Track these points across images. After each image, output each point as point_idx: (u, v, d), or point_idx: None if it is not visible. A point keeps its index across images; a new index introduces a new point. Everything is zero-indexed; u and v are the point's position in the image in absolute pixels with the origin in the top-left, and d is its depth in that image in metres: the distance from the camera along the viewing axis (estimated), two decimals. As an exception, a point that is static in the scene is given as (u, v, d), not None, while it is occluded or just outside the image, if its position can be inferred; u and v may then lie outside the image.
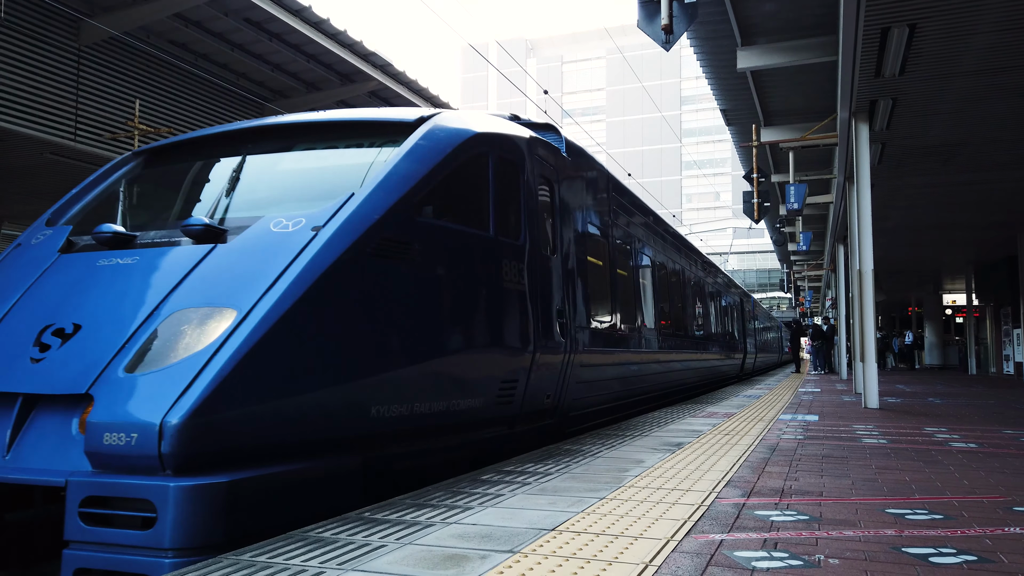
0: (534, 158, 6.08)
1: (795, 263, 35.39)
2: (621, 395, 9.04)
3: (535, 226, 5.94)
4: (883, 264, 24.85)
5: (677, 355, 12.29)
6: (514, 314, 5.45)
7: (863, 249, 10.40)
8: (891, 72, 8.97)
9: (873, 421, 8.29)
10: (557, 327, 6.22)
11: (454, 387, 4.70)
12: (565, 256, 6.64)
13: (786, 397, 12.69)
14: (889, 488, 4.17)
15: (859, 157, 10.43)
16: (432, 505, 3.64)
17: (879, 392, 10.76)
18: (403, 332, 4.22)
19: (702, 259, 16.67)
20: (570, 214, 6.95)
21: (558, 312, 6.27)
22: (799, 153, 14.96)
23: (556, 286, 6.30)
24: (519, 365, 5.51)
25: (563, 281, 6.52)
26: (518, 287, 5.46)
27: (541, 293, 5.89)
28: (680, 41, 10.26)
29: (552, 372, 6.17)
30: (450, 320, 4.68)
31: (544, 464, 4.97)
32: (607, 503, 3.67)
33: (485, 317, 5.06)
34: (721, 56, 12.97)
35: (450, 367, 4.66)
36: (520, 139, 5.91)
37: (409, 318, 4.28)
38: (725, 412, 9.49)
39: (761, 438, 6.56)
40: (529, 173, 5.93)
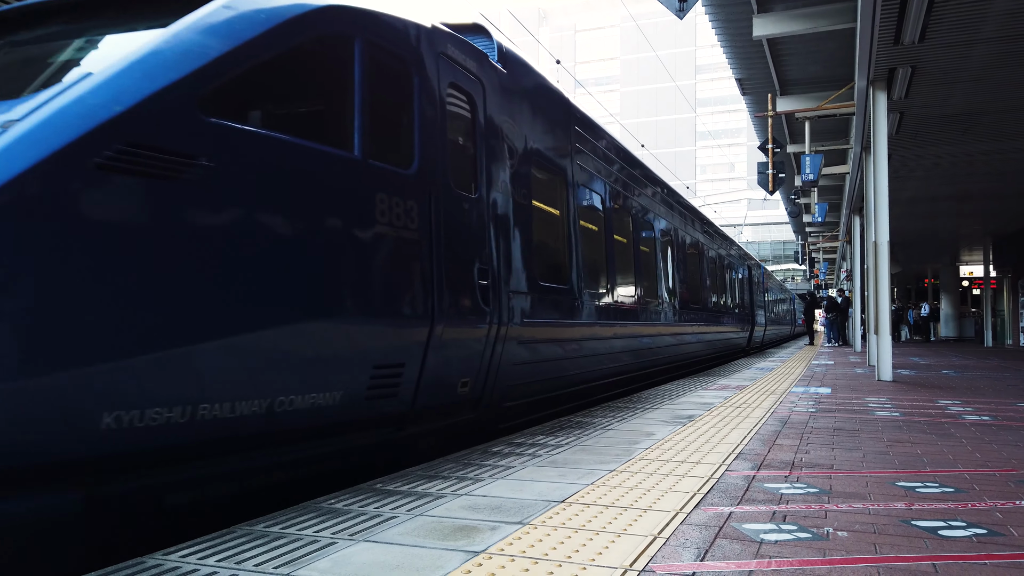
0: (442, 60, 4.64)
1: (810, 235, 35.08)
2: (587, 377, 7.55)
3: (439, 152, 4.51)
4: (899, 235, 24.57)
5: (664, 328, 10.62)
6: (398, 271, 4.05)
7: (879, 220, 10.28)
8: (910, 39, 8.77)
9: (886, 394, 8.27)
10: (478, 291, 4.85)
11: (280, 376, 3.28)
12: (494, 197, 5.19)
13: (799, 370, 12.66)
14: (900, 461, 4.16)
15: (876, 127, 10.26)
16: (443, 477, 3.67)
17: (893, 364, 10.71)
18: (175, 295, 2.83)
19: (701, 220, 14.74)
20: (505, 143, 5.48)
21: (480, 271, 4.89)
22: (815, 123, 14.74)
23: (476, 236, 4.88)
24: (407, 342, 4.12)
25: (490, 230, 5.11)
26: (405, 233, 4.07)
27: (449, 243, 4.50)
28: (695, 8, 10.09)
29: (468, 351, 4.80)
30: (266, 276, 3.21)
31: (555, 436, 4.99)
32: (617, 475, 3.69)
33: (339, 273, 3.60)
34: (737, 24, 12.74)
35: (270, 346, 3.21)
36: (416, 29, 4.41)
37: (187, 273, 2.89)
38: (737, 385, 9.48)
39: (772, 411, 6.55)
40: (432, 78, 4.49)
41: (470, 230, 4.82)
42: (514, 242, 5.49)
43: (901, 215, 20.50)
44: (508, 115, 5.57)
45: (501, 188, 5.34)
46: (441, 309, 4.38)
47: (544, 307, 6.02)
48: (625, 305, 8.68)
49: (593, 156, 7.70)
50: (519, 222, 5.61)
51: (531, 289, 5.72)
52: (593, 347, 7.49)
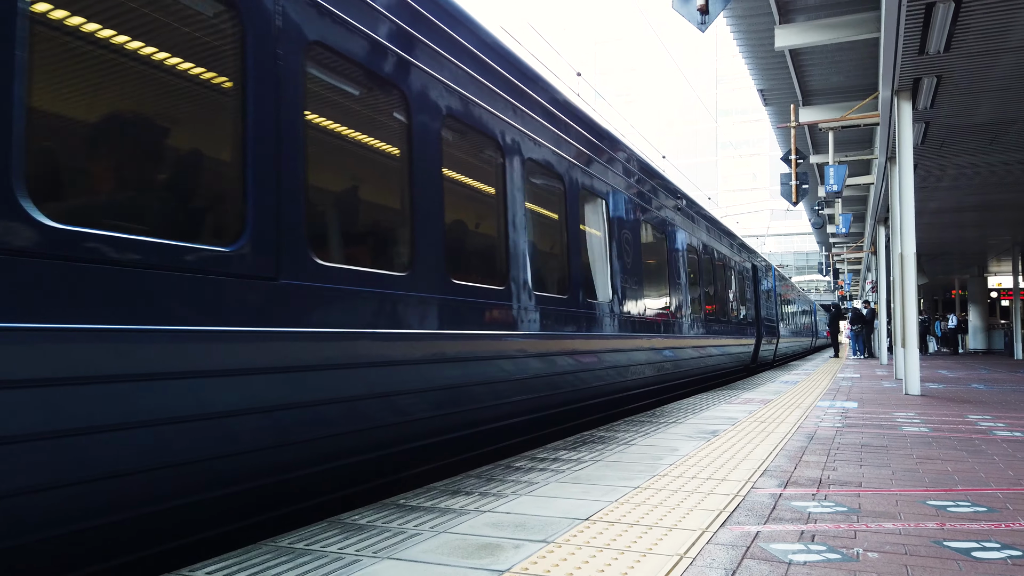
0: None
1: (834, 246, 34.72)
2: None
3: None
4: (925, 246, 24.23)
5: (601, 342, 7.24)
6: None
7: (905, 232, 10.15)
8: (936, 49, 8.68)
9: (914, 408, 8.13)
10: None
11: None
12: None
13: (824, 383, 12.50)
14: (930, 479, 4.08)
15: (901, 137, 10.15)
16: (466, 492, 3.66)
17: (921, 378, 10.53)
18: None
19: (674, 195, 10.50)
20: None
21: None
22: (839, 133, 14.61)
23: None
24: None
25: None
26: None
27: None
28: (716, 19, 10.07)
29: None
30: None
31: (577, 452, 4.97)
32: (641, 492, 3.65)
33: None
34: (758, 34, 12.70)
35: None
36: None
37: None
38: (761, 399, 9.38)
39: (798, 426, 6.47)
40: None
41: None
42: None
43: (927, 225, 20.23)
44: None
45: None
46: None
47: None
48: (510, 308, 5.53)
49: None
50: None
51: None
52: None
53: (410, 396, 4.18)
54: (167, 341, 2.77)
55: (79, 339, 2.46)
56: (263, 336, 3.21)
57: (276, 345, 3.27)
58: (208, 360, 2.94)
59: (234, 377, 3.06)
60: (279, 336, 3.29)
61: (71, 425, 2.43)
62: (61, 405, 2.40)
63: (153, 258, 2.74)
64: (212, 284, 3.00)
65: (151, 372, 2.69)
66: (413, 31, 4.54)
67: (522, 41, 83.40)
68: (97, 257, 2.54)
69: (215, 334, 2.97)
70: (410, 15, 4.51)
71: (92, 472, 2.51)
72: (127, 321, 2.62)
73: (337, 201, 4.12)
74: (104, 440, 2.53)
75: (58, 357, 2.40)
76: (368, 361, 3.87)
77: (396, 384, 4.09)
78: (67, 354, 2.42)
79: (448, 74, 4.89)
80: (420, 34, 4.60)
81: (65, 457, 2.42)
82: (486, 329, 5.10)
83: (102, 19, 2.76)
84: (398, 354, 4.10)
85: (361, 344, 3.82)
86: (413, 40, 4.54)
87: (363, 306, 3.83)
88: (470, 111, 5.13)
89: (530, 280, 5.78)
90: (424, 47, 4.65)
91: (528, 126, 5.96)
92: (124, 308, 2.61)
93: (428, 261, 4.48)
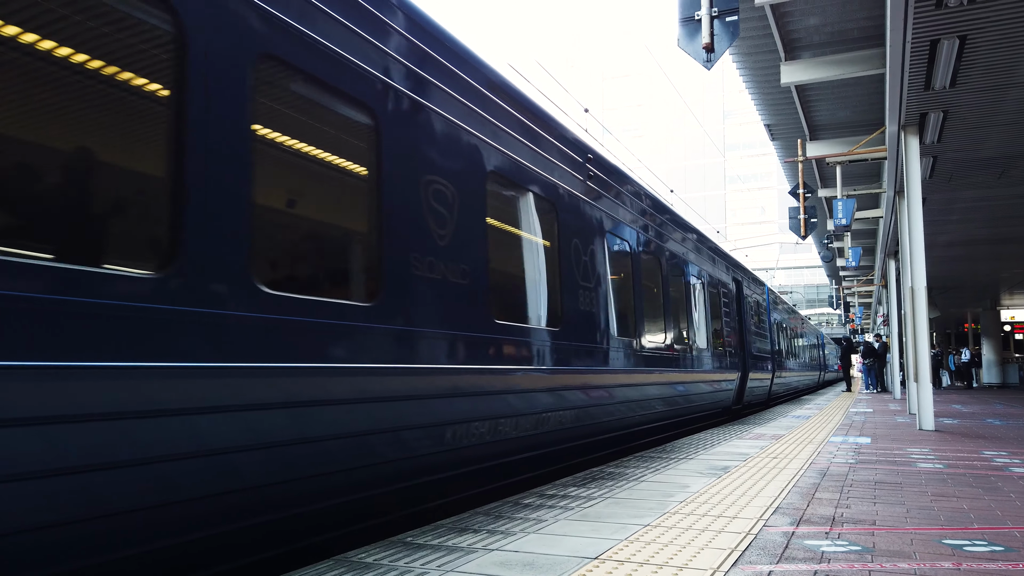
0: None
1: (844, 279, 34.59)
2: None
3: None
4: (937, 279, 24.10)
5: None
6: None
7: (915, 266, 10.11)
8: (941, 84, 8.74)
9: (928, 444, 8.02)
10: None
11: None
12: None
13: (836, 418, 12.36)
14: (946, 517, 4.02)
15: (909, 172, 10.17)
16: (473, 530, 3.63)
17: (934, 413, 10.41)
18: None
19: (604, 175, 7.74)
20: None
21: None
22: (847, 167, 14.66)
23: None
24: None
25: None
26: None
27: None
28: (723, 55, 10.18)
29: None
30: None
31: (587, 488, 4.92)
32: (651, 530, 3.61)
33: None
34: (764, 71, 12.83)
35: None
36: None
37: None
38: (773, 434, 9.28)
39: (811, 462, 6.39)
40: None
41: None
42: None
43: (938, 259, 20.14)
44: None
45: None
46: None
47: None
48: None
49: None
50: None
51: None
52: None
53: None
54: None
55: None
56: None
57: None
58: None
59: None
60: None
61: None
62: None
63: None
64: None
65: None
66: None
67: (529, 78, 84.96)
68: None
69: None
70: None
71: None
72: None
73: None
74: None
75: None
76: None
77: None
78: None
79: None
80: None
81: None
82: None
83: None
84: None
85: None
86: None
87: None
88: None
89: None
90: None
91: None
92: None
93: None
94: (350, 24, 3.97)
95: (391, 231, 4.10)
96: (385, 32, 4.26)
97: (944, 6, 7.10)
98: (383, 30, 4.24)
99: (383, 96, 4.17)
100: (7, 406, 2.25)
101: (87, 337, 2.48)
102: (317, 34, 3.73)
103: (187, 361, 2.82)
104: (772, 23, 10.71)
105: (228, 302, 3.04)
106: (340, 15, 3.90)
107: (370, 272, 4.00)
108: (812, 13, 10.62)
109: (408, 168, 4.34)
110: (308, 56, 3.63)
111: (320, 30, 3.76)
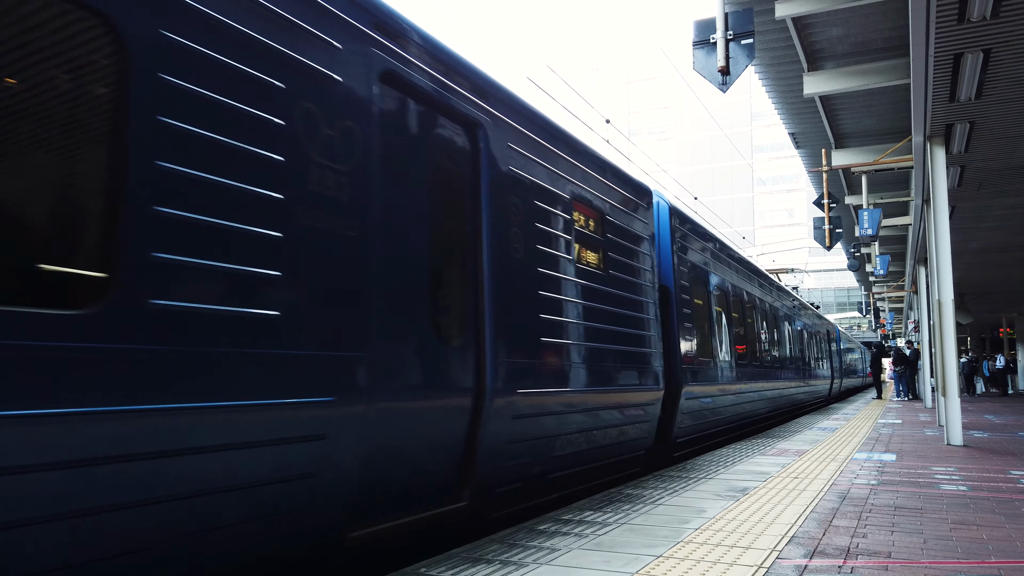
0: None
1: (874, 284, 34.11)
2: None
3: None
4: (969, 286, 23.68)
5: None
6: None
7: (942, 278, 9.98)
8: (967, 96, 8.63)
9: (955, 461, 7.91)
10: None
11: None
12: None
13: (863, 430, 12.22)
14: (963, 548, 3.99)
15: (936, 181, 10.04)
16: (487, 560, 3.68)
17: (965, 424, 10.25)
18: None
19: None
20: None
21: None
22: (873, 175, 14.50)
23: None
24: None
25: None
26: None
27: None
28: (743, 69, 10.14)
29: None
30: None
31: (603, 512, 4.95)
32: (663, 562, 3.64)
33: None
34: (787, 81, 12.76)
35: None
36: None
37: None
38: (797, 449, 9.21)
39: (832, 482, 6.35)
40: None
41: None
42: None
43: (970, 265, 19.80)
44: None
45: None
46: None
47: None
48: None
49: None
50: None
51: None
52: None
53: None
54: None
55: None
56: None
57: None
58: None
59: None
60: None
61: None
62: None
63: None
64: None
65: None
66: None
67: (549, 91, 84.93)
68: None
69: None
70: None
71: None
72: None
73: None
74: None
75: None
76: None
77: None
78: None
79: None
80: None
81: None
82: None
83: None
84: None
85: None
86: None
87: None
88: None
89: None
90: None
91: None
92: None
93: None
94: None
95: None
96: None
97: (967, 20, 7.03)
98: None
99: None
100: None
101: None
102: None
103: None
104: (794, 34, 10.66)
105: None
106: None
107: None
108: (835, 24, 10.55)
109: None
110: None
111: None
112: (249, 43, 3.12)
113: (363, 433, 3.53)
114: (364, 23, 3.86)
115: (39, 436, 2.29)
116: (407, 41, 4.18)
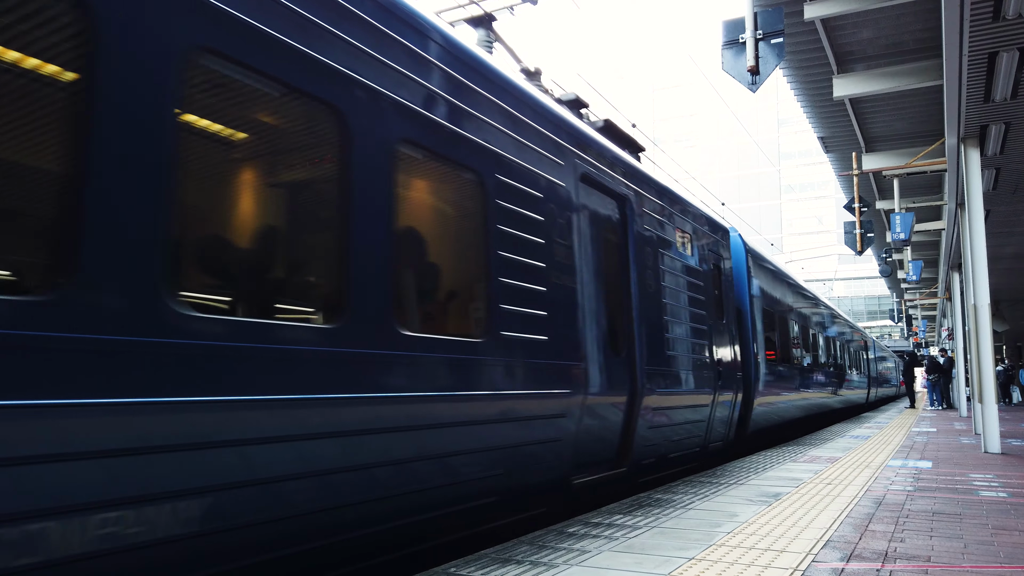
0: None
1: (906, 291, 33.53)
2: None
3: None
4: (1005, 291, 23.20)
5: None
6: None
7: (978, 282, 9.77)
8: (1002, 96, 8.47)
9: (993, 469, 7.72)
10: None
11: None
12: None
13: (897, 438, 11.98)
14: (1006, 553, 3.88)
15: (970, 184, 9.85)
16: (517, 560, 3.66)
17: (1003, 433, 10.01)
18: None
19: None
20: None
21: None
22: (905, 179, 14.27)
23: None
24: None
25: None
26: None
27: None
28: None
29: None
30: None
31: (633, 516, 4.91)
32: (695, 564, 3.59)
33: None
34: (816, 84, 12.62)
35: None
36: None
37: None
38: (829, 456, 9.06)
39: (866, 489, 6.23)
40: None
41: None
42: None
43: (1006, 270, 19.40)
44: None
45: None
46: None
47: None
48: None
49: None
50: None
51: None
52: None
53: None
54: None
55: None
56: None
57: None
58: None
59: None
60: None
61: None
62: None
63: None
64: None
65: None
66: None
67: (581, 95, 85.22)
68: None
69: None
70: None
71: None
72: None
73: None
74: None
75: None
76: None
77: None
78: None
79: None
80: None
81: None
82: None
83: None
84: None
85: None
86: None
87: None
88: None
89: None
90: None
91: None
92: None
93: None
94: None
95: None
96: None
97: (1002, 19, 6.90)
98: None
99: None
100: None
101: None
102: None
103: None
104: (823, 36, 10.55)
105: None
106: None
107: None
108: (864, 26, 10.43)
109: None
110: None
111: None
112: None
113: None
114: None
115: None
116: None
